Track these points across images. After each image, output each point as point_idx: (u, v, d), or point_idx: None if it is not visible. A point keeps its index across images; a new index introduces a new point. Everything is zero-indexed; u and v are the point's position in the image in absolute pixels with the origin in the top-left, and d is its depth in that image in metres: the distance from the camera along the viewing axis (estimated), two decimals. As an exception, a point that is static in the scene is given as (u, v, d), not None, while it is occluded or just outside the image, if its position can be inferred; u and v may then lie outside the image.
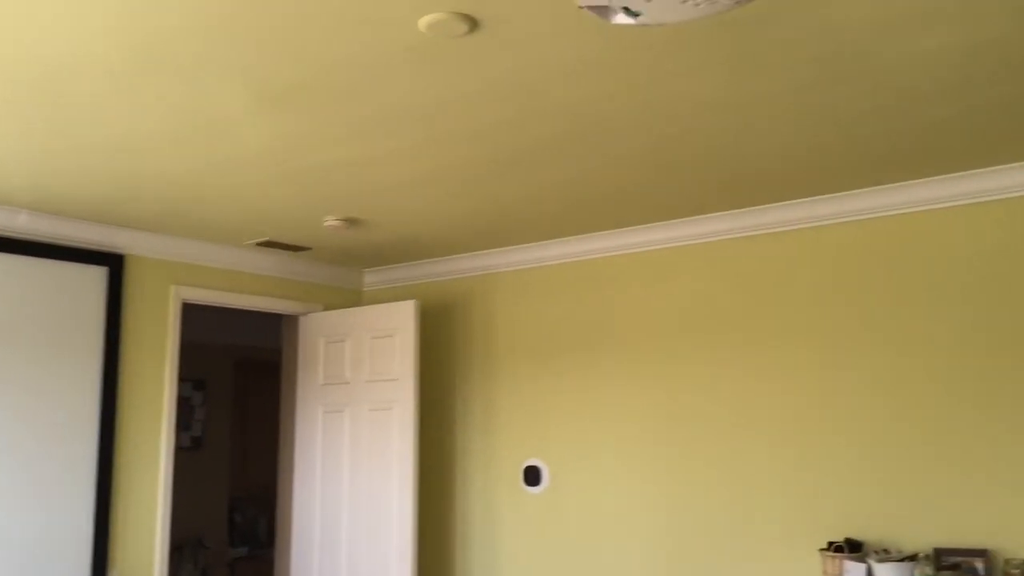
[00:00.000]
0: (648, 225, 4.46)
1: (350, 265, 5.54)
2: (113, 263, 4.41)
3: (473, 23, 2.28)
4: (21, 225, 4.07)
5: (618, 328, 4.59)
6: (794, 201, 3.99)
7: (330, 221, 4.30)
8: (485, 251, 5.07)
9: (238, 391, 8.00)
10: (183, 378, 7.54)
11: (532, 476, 4.83)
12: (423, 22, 2.27)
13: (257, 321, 7.82)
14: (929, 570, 3.34)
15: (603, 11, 1.37)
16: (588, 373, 4.68)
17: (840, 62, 2.51)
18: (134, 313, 4.51)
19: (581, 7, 1.37)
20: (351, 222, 4.34)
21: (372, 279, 5.70)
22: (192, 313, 7.45)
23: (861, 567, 3.44)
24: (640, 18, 1.38)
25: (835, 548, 3.61)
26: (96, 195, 3.85)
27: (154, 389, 4.57)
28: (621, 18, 1.39)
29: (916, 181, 3.67)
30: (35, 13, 2.21)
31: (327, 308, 5.48)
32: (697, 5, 1.31)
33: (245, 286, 5.06)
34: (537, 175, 3.59)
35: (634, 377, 4.50)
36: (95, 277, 4.35)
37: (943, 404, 3.58)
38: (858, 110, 2.87)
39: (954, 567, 3.37)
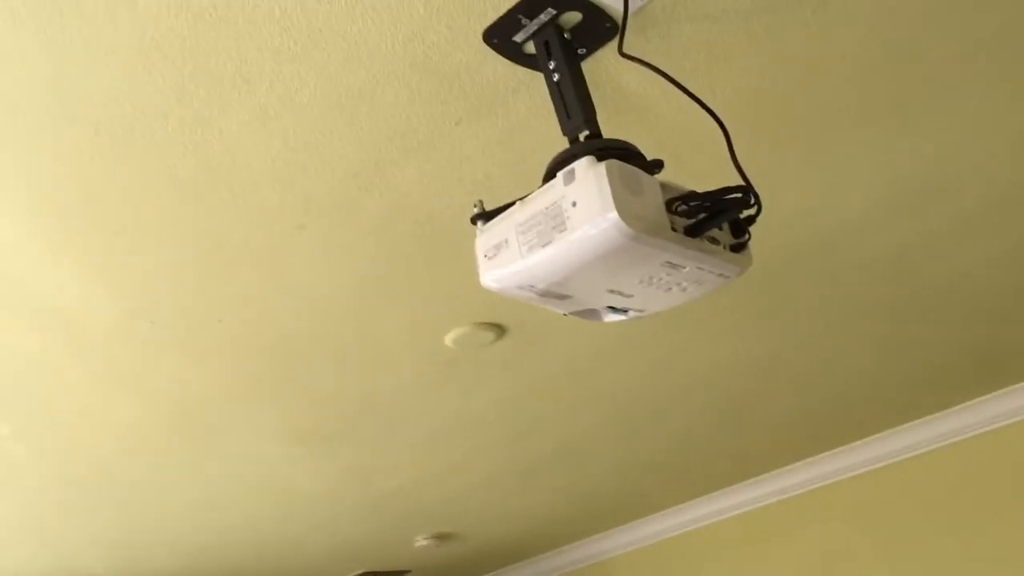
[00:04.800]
0: (765, 476, 4.11)
1: (456, 579, 5.27)
2: (211, 628, 4.26)
3: (499, 330, 2.23)
4: (114, 608, 4.00)
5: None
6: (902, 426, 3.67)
7: (420, 541, 4.12)
8: (593, 537, 4.77)
9: None
10: None
11: None
12: (449, 338, 2.23)
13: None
14: None
15: (590, 314, 1.28)
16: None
17: (870, 290, 2.35)
18: (238, 678, 4.28)
19: (565, 315, 1.27)
20: (442, 538, 4.15)
21: (483, 588, 5.39)
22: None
23: None
24: (630, 313, 1.27)
25: None
26: (174, 565, 3.79)
27: None
28: (611, 317, 1.28)
29: None
30: (91, 407, 2.25)
31: (440, 630, 5.15)
32: (684, 290, 1.20)
33: (351, 624, 4.80)
34: (607, 456, 3.41)
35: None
36: (194, 647, 4.18)
37: None
38: (911, 335, 2.66)
39: None
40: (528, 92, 1.44)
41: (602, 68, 1.41)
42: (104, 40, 1.21)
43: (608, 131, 1.54)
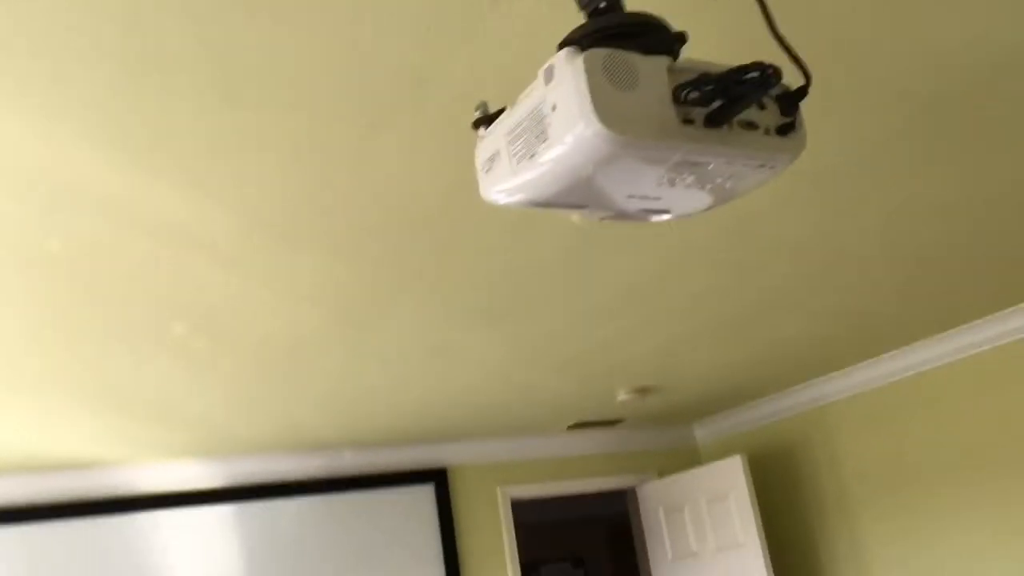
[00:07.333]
0: (985, 319, 3.69)
1: (674, 424, 5.26)
2: (438, 478, 4.57)
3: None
4: (347, 463, 4.37)
5: (997, 442, 3.79)
6: None
7: (622, 396, 4.12)
8: (807, 383, 4.55)
9: (618, 565, 7.77)
10: (560, 558, 7.57)
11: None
12: (576, 217, 2.09)
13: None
14: None
15: (628, 216, 1.11)
16: (972, 505, 3.88)
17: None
18: (466, 519, 4.59)
19: (603, 219, 1.12)
20: (643, 391, 4.12)
21: (703, 432, 5.36)
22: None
23: None
24: (674, 212, 1.09)
25: None
26: (408, 418, 4.04)
27: (500, 594, 4.56)
28: (656, 217, 1.11)
29: None
30: (248, 310, 2.37)
31: (662, 474, 5.22)
32: (723, 186, 1.01)
33: (572, 470, 4.96)
34: (806, 309, 3.15)
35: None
36: (423, 495, 4.52)
37: None
38: None
39: None
40: (566, -46, 1.24)
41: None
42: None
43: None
